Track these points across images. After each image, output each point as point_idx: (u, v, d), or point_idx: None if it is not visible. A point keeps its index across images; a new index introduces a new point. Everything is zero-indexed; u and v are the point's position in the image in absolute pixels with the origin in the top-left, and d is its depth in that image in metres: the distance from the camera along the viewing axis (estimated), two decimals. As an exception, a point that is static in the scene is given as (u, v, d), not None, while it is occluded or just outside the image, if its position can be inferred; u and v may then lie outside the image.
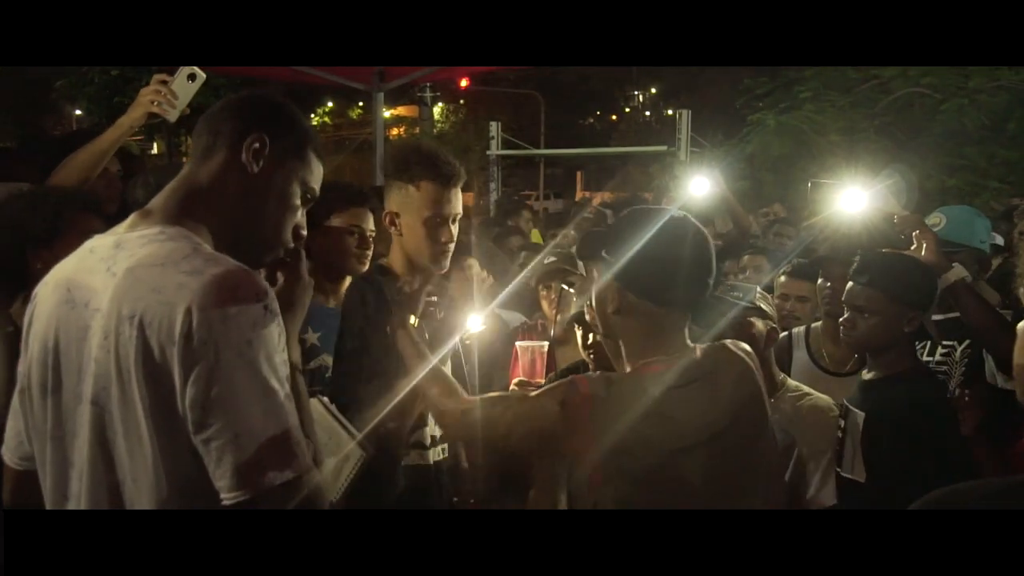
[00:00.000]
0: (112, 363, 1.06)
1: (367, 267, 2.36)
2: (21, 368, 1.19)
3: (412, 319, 1.76)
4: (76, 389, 1.11)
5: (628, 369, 1.47)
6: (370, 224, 2.39)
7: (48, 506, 1.16)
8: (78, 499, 1.12)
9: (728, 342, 1.56)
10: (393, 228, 1.94)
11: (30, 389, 1.17)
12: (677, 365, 1.42)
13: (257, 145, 1.18)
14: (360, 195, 2.42)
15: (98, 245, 1.16)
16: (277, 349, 1.07)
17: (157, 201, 1.19)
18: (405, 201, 1.90)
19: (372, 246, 2.39)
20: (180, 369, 1.02)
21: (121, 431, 1.07)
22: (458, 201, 1.93)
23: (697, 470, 1.39)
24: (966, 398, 2.11)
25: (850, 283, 2.04)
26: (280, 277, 1.28)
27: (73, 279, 1.14)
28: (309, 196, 1.26)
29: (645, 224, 1.45)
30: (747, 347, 1.56)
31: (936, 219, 2.56)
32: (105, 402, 1.08)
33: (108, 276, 1.09)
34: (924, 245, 2.01)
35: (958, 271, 2.00)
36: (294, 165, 1.23)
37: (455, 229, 1.93)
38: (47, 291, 1.17)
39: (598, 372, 1.51)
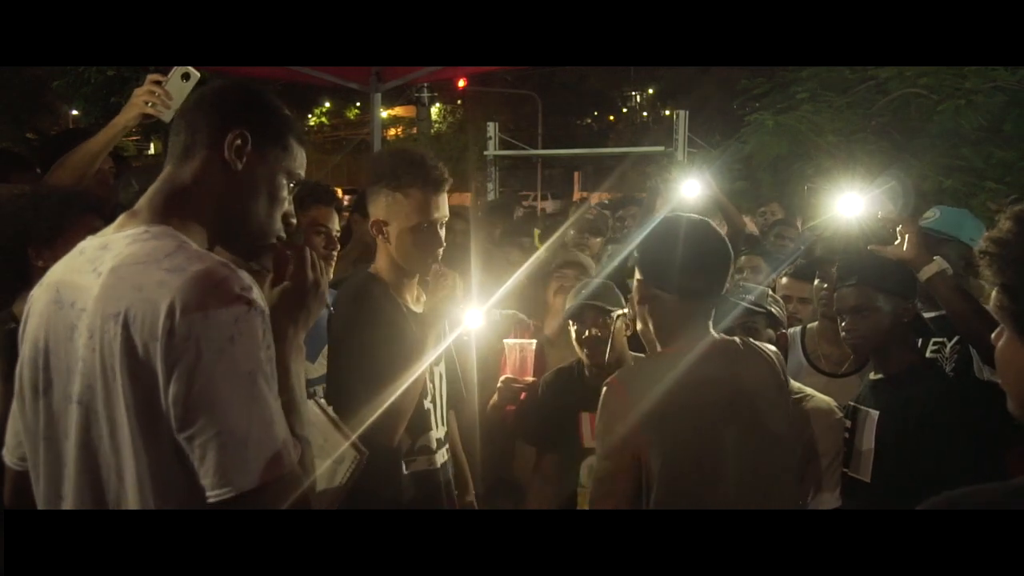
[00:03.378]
0: (97, 362, 1.06)
1: (333, 268, 2.34)
2: (16, 370, 1.19)
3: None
4: (66, 390, 1.11)
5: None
6: (336, 224, 2.35)
7: (41, 506, 1.16)
8: (69, 499, 1.12)
9: (754, 342, 1.73)
10: (381, 236, 1.92)
11: (23, 390, 1.17)
12: (695, 347, 1.60)
13: (239, 142, 1.17)
14: (325, 194, 2.38)
15: (87, 246, 1.17)
16: (261, 346, 1.06)
17: (143, 201, 1.18)
18: (392, 208, 1.88)
19: (339, 246, 2.36)
20: (163, 366, 1.02)
21: (107, 430, 1.07)
22: (445, 205, 1.92)
23: (726, 444, 1.54)
24: None
25: (838, 289, 2.06)
26: (287, 277, 1.27)
27: (62, 280, 1.15)
28: (294, 184, 1.26)
29: (665, 227, 1.68)
30: (774, 348, 1.75)
31: (931, 212, 2.63)
32: (91, 401, 1.08)
33: (93, 276, 1.09)
34: (907, 238, 2.03)
35: (939, 263, 2.03)
36: (277, 155, 1.22)
37: (443, 233, 1.92)
38: (40, 292, 1.18)
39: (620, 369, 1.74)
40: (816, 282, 2.69)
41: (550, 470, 2.45)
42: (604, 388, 1.59)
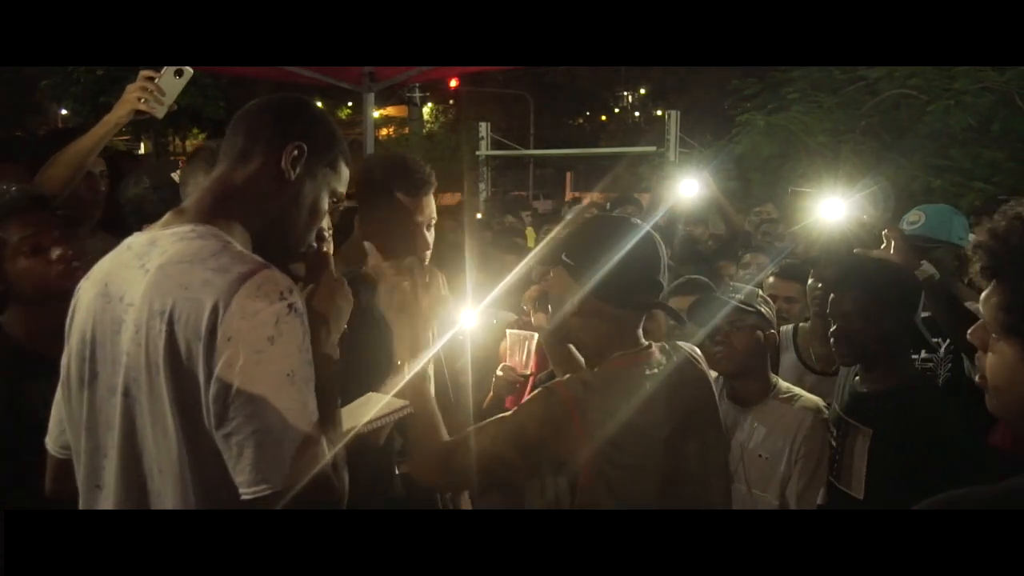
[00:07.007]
0: (142, 356, 1.09)
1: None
2: (63, 360, 1.22)
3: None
4: (110, 381, 1.14)
5: (591, 367, 1.52)
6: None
7: (81, 494, 1.19)
8: (109, 488, 1.14)
9: (678, 342, 1.62)
10: (369, 239, 1.95)
11: (69, 380, 1.20)
12: (643, 358, 1.50)
13: (296, 153, 1.22)
14: None
15: (135, 242, 1.20)
16: (302, 348, 1.09)
17: (192, 199, 1.23)
18: (378, 212, 1.90)
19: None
20: (204, 364, 1.04)
21: (149, 422, 1.10)
22: (430, 207, 1.93)
23: (677, 455, 1.45)
24: None
25: (836, 293, 2.01)
26: (313, 281, 1.30)
27: (110, 274, 1.18)
28: (335, 201, 1.31)
29: (605, 231, 1.51)
30: (694, 347, 1.64)
31: (915, 216, 2.60)
32: (136, 394, 1.11)
33: (141, 272, 1.12)
34: (893, 244, 2.03)
35: (926, 269, 2.01)
36: (326, 174, 1.27)
37: (431, 235, 1.93)
38: (87, 286, 1.21)
39: (567, 376, 1.53)
40: (810, 281, 2.70)
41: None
42: (548, 390, 1.44)
